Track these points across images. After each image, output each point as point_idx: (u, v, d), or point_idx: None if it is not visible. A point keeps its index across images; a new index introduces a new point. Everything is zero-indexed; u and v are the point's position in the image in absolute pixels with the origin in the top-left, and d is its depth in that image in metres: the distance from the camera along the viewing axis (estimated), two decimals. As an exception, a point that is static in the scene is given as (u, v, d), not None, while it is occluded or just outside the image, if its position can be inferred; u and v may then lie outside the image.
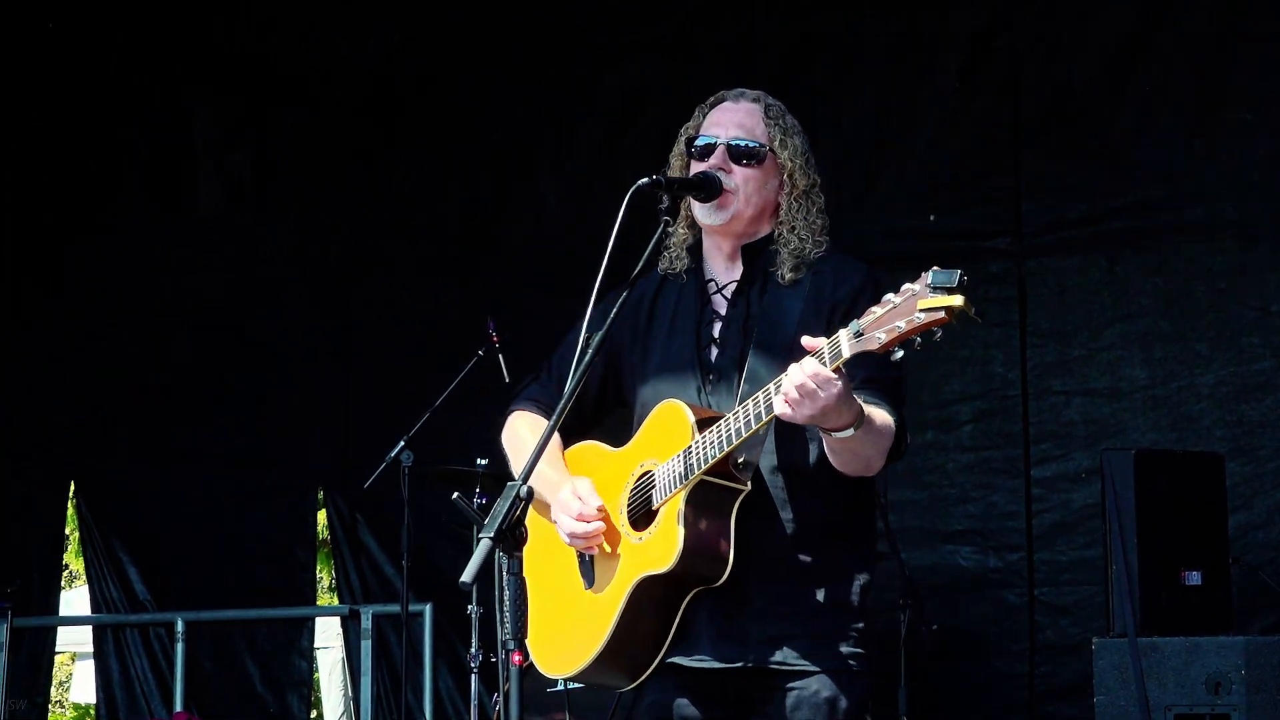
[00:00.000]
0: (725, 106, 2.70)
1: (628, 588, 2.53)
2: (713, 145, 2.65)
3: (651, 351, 2.70)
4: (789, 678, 2.56)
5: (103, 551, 6.67)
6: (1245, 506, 5.24)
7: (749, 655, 2.55)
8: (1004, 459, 5.70)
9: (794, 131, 2.68)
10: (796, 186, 2.66)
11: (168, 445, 6.69)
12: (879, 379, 2.51)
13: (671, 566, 2.48)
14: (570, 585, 2.66)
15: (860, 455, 2.49)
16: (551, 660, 2.70)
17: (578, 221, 6.10)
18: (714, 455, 2.47)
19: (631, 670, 2.61)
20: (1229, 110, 5.47)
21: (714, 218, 2.64)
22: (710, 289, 2.69)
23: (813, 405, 2.33)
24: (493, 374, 5.51)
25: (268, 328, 6.69)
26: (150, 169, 6.78)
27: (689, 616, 2.55)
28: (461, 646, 5.73)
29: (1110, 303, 5.62)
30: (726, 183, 2.63)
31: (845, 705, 2.55)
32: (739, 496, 2.51)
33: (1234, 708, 4.30)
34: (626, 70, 6.33)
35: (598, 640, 2.57)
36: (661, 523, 2.53)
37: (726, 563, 2.50)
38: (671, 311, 2.70)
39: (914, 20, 5.92)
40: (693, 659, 2.58)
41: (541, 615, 2.73)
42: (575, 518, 2.59)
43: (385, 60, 6.67)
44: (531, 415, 2.79)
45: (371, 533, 6.59)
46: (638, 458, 2.62)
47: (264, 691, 6.55)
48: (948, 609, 5.58)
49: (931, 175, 5.88)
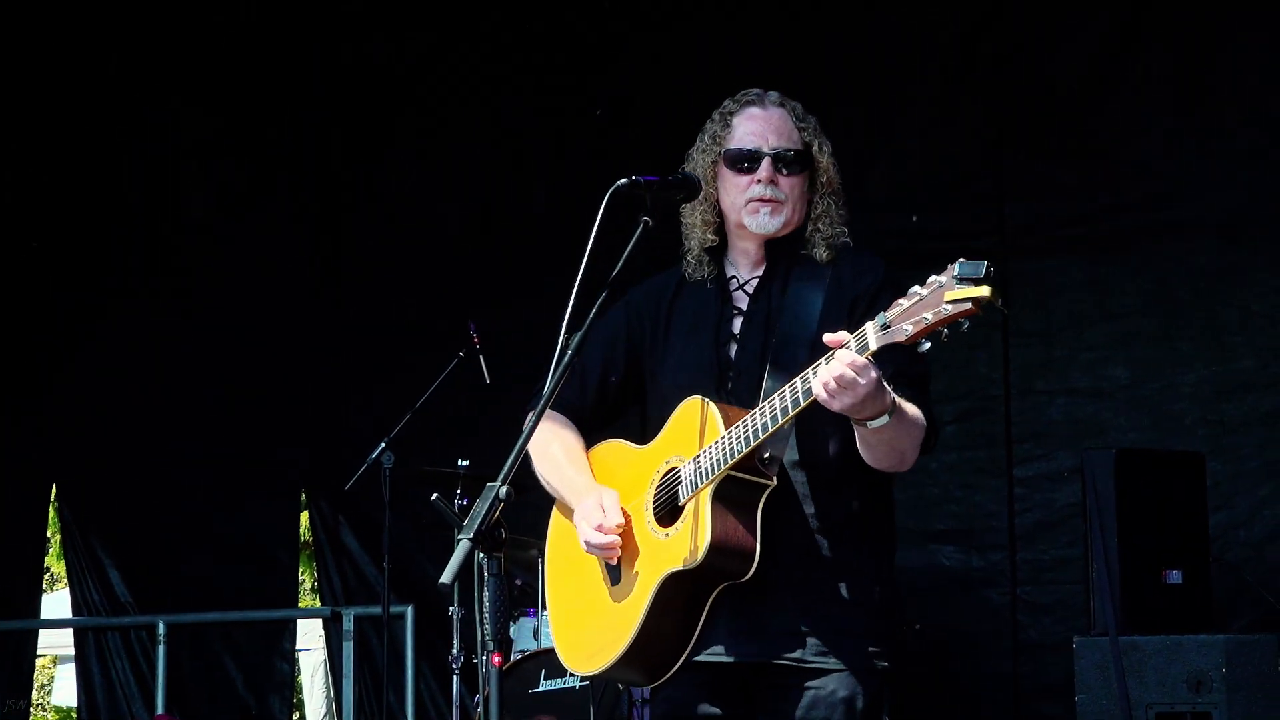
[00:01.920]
0: (755, 114, 2.71)
1: (654, 585, 2.53)
2: (757, 155, 2.67)
3: (671, 350, 2.71)
4: (806, 676, 2.55)
5: (84, 554, 6.65)
6: (1227, 505, 5.25)
7: (766, 651, 2.55)
8: (987, 459, 5.70)
9: (819, 130, 2.73)
10: (831, 184, 2.71)
11: (149, 448, 6.67)
12: (907, 372, 2.52)
13: (700, 563, 2.47)
14: (596, 584, 2.67)
15: (895, 448, 2.49)
16: (578, 658, 2.70)
17: (567, 224, 6.08)
18: (741, 450, 2.47)
19: (654, 668, 2.59)
20: (1211, 110, 5.49)
21: (768, 226, 2.66)
22: (731, 285, 2.70)
23: (852, 395, 2.33)
24: (474, 376, 5.50)
25: (251, 329, 6.67)
26: (136, 171, 6.77)
27: (711, 613, 2.54)
28: (443, 648, 5.72)
29: (1093, 303, 5.63)
30: (776, 194, 2.65)
31: (862, 705, 2.54)
32: (765, 491, 2.51)
33: (1215, 706, 4.31)
34: (617, 73, 6.33)
35: (624, 638, 2.56)
36: (688, 519, 2.53)
37: (753, 559, 2.49)
38: (692, 310, 2.72)
39: (898, 23, 5.93)
40: (708, 653, 2.57)
41: (568, 614, 2.75)
42: (595, 528, 2.60)
43: (376, 62, 6.66)
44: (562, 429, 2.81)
45: (353, 534, 6.58)
46: (662, 455, 2.62)
47: (245, 694, 6.54)
48: (931, 609, 5.59)
49: (915, 176, 5.89)
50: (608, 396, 2.77)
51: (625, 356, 2.75)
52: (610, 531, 2.58)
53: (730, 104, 2.73)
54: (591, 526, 2.61)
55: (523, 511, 2.62)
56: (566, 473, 2.72)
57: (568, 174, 6.33)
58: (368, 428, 5.70)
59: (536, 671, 4.74)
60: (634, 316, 2.76)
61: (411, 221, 6.63)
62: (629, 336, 2.76)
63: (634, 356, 2.75)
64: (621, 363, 2.75)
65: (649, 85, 6.22)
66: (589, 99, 6.38)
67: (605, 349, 2.76)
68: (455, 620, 5.26)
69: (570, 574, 2.74)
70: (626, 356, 2.75)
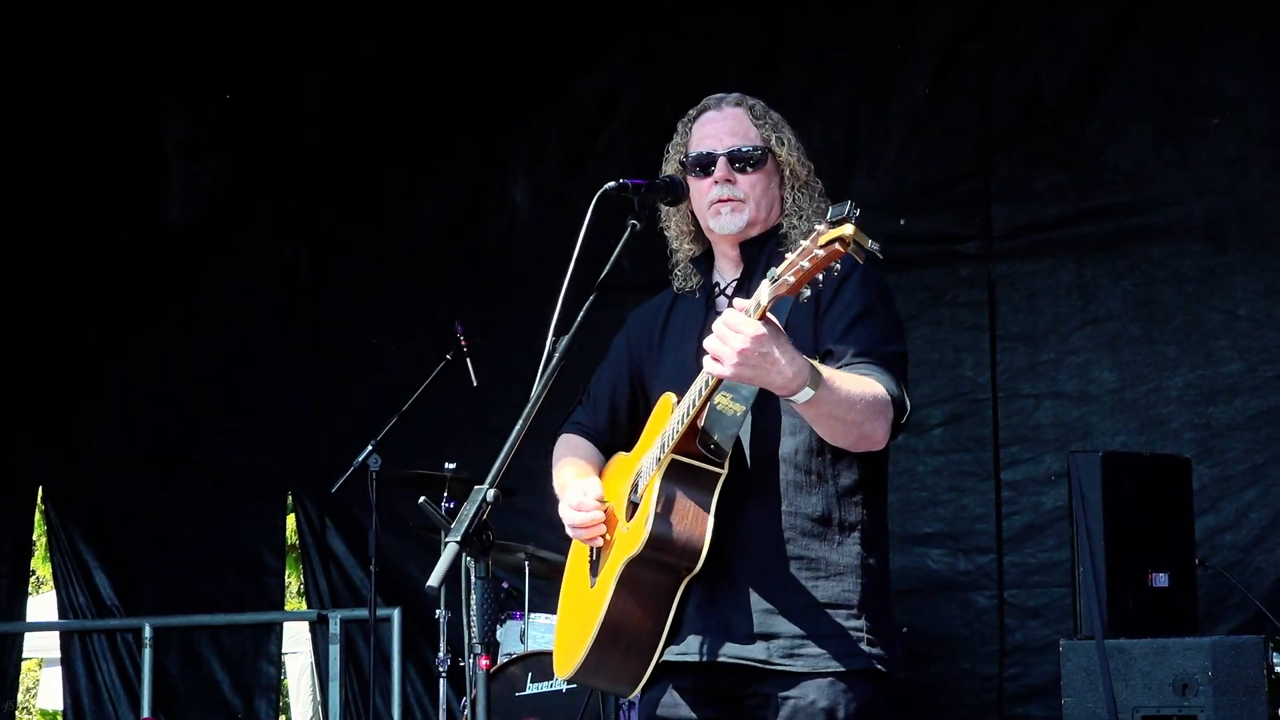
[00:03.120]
0: (711, 118, 2.71)
1: (614, 576, 2.51)
2: (712, 157, 2.66)
3: (663, 363, 2.72)
4: (781, 682, 2.49)
5: (70, 557, 6.63)
6: (1213, 509, 5.27)
7: (730, 650, 2.51)
8: (974, 462, 5.71)
9: (782, 125, 2.71)
10: (798, 178, 2.69)
11: (136, 450, 6.65)
12: (871, 351, 2.49)
13: (642, 545, 2.45)
14: (583, 585, 2.67)
15: (841, 420, 2.41)
16: (561, 661, 2.69)
17: (550, 226, 6.09)
18: (677, 431, 2.46)
19: (629, 670, 2.55)
20: (1197, 115, 5.50)
21: (729, 226, 2.65)
22: (714, 292, 2.71)
23: (742, 358, 2.28)
24: (461, 378, 5.50)
25: (236, 332, 6.65)
26: (121, 175, 6.75)
27: (681, 609, 2.52)
28: (430, 651, 5.71)
29: (1079, 306, 5.65)
30: (734, 193, 2.64)
31: (844, 715, 2.47)
32: (717, 480, 2.48)
33: (1201, 709, 4.31)
34: (598, 76, 6.33)
35: (589, 633, 2.54)
36: (641, 506, 2.53)
37: (702, 546, 2.45)
38: (681, 323, 2.73)
39: (885, 26, 5.94)
40: (676, 652, 2.55)
41: (562, 620, 2.77)
42: (574, 508, 2.60)
43: (358, 65, 6.65)
44: (571, 437, 2.84)
45: (340, 537, 6.56)
46: (640, 454, 2.64)
47: (232, 697, 6.52)
48: (918, 611, 5.59)
49: (902, 179, 5.90)
50: (619, 417, 2.79)
51: (629, 379, 2.78)
52: (588, 507, 2.58)
53: (692, 112, 2.74)
54: (571, 507, 2.62)
55: (510, 515, 2.63)
56: (570, 483, 2.73)
57: (551, 176, 6.33)
58: (354, 430, 5.69)
59: (523, 675, 4.74)
60: (632, 340, 2.80)
61: (395, 222, 6.62)
62: (630, 360, 2.79)
63: (636, 377, 2.78)
64: (625, 385, 2.79)
65: (633, 87, 6.22)
66: (572, 99, 6.37)
67: (613, 372, 2.81)
68: (442, 623, 5.25)
69: (571, 585, 2.76)
70: (630, 379, 2.78)
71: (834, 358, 2.50)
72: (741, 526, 2.51)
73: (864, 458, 2.57)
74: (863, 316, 2.51)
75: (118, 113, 6.66)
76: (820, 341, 2.53)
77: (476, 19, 6.40)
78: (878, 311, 2.54)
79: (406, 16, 6.52)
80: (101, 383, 6.63)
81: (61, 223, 6.67)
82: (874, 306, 2.52)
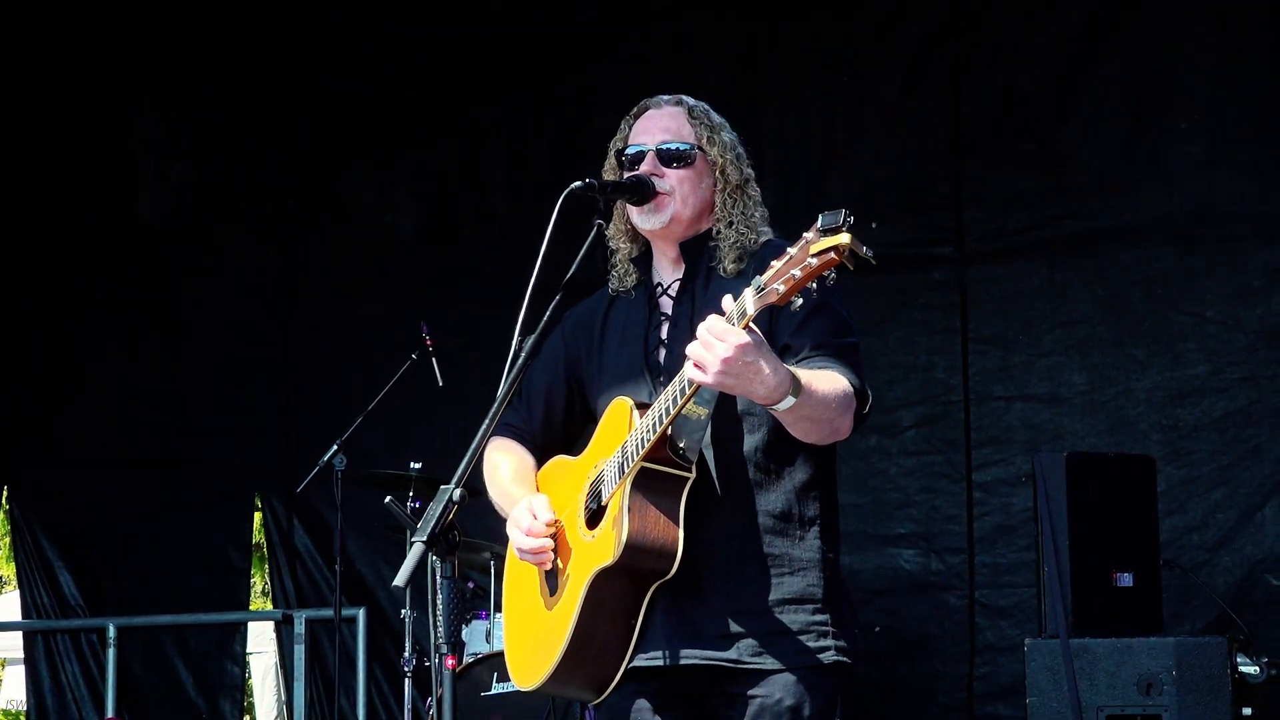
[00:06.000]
0: (649, 115, 2.72)
1: (583, 586, 2.49)
2: (642, 152, 2.66)
3: (606, 364, 2.70)
4: (749, 680, 2.50)
5: (34, 556, 6.58)
6: (1180, 510, 5.30)
7: (703, 652, 2.50)
8: (946, 463, 5.73)
9: (720, 128, 2.69)
10: (730, 181, 2.67)
11: (101, 449, 6.60)
12: (829, 343, 2.50)
13: (618, 556, 2.44)
14: (536, 596, 2.64)
15: (818, 421, 2.43)
16: (522, 671, 2.66)
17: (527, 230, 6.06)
18: (649, 439, 2.44)
19: (597, 679, 2.54)
20: (1166, 119, 5.54)
21: (652, 221, 2.64)
22: (657, 292, 2.69)
23: (726, 366, 2.28)
24: (427, 378, 5.47)
25: (205, 332, 6.61)
26: (92, 175, 6.71)
27: (648, 615, 2.51)
28: (395, 651, 5.68)
29: (1050, 309, 5.67)
30: (660, 186, 2.63)
31: (810, 712, 2.48)
32: (685, 484, 2.47)
33: (1165, 708, 4.33)
34: (575, 81, 6.32)
35: (558, 645, 2.52)
36: (609, 515, 2.50)
37: (676, 552, 2.45)
38: (622, 322, 2.71)
39: (858, 31, 5.96)
40: (646, 658, 2.53)
41: (514, 629, 2.72)
42: (525, 533, 2.58)
43: (334, 68, 6.62)
44: (502, 440, 2.79)
45: (307, 537, 6.53)
46: (593, 460, 2.61)
47: (196, 697, 6.48)
48: (889, 611, 5.60)
49: (874, 183, 5.91)
50: (555, 419, 2.76)
51: (565, 377, 2.75)
52: (538, 534, 2.56)
53: (634, 110, 2.75)
54: (522, 532, 2.59)
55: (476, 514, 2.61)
56: (511, 492, 2.70)
57: (525, 178, 6.32)
58: (321, 429, 5.66)
59: (489, 674, 4.72)
60: (570, 338, 2.77)
61: (367, 223, 6.60)
62: (567, 358, 2.76)
63: (574, 376, 2.75)
64: (562, 384, 2.75)
65: (608, 90, 6.21)
66: (548, 102, 6.36)
67: (547, 373, 2.76)
68: (407, 623, 5.23)
69: (517, 592, 2.72)
70: (567, 377, 2.75)
71: (792, 351, 2.51)
72: (707, 528, 2.50)
73: (816, 452, 2.58)
74: (818, 310, 2.50)
75: (87, 113, 6.61)
76: (777, 336, 2.53)
77: (454, 20, 6.39)
78: (832, 305, 2.54)
79: (382, 17, 6.50)
80: (67, 382, 6.58)
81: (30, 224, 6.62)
82: (828, 300, 2.51)
